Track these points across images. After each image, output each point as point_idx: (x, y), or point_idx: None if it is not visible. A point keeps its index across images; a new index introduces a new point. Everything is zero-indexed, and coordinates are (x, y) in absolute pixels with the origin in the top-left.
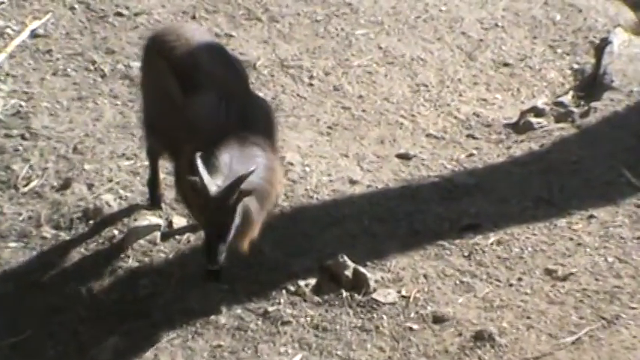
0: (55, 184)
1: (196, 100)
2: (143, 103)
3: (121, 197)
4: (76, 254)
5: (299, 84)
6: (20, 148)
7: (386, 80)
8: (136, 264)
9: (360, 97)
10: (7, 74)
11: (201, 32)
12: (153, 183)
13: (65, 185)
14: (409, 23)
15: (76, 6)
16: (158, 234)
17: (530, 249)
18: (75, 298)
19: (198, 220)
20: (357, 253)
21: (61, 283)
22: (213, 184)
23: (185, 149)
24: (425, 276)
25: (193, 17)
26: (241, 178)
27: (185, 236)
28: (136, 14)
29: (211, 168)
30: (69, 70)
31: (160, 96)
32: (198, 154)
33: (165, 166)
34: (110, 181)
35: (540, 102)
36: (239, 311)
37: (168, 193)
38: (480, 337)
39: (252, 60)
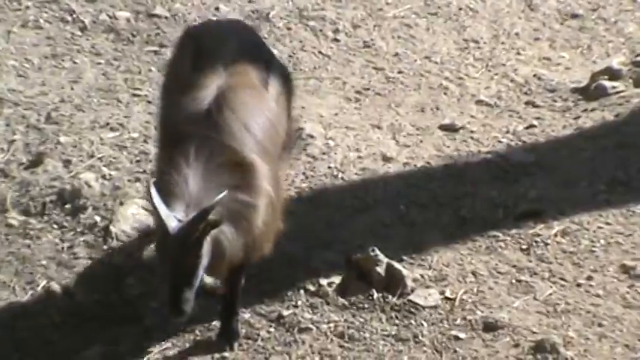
0: (25, 160)
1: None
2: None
3: (104, 176)
4: (48, 245)
5: (321, 39)
6: None
7: (427, 35)
8: (122, 258)
9: (396, 55)
10: None
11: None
12: None
13: (36, 162)
14: None
15: None
16: (149, 222)
17: (602, 241)
18: (47, 299)
19: (159, 259)
20: (392, 246)
21: (31, 281)
22: (173, 219)
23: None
24: (474, 274)
25: None
26: (206, 212)
27: None
28: None
29: (171, 191)
30: (41, 21)
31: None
32: (152, 181)
33: None
34: (91, 156)
35: (616, 62)
36: (247, 316)
37: None
38: (541, 348)
39: (265, 9)
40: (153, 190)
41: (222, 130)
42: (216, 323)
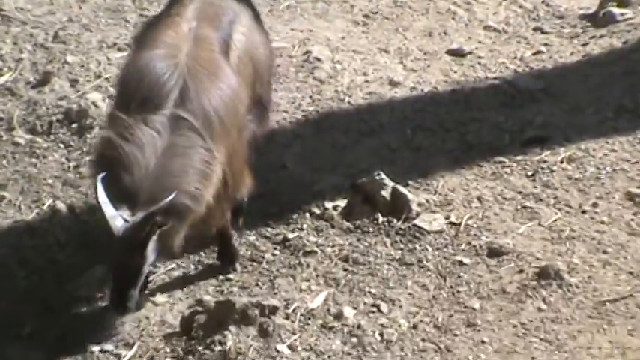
0: (32, 79)
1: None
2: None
3: (110, 96)
4: (55, 164)
5: None
6: None
7: None
8: None
9: None
10: None
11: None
12: None
13: (44, 81)
14: None
15: None
16: None
17: (608, 168)
18: (53, 218)
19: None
20: (398, 170)
21: (37, 200)
22: (119, 219)
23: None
24: (479, 199)
25: None
26: (153, 215)
27: None
28: None
29: (127, 168)
30: None
31: None
32: (100, 177)
33: None
34: (98, 76)
35: None
36: (252, 238)
37: None
38: (545, 274)
39: None
40: (100, 187)
41: (194, 112)
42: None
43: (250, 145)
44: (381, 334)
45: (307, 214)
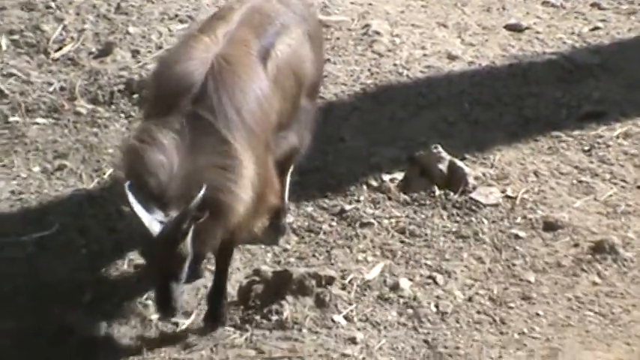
0: (94, 49)
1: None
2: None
3: None
4: (115, 134)
5: None
6: (52, 4)
7: None
8: None
9: None
10: None
11: None
12: None
13: (105, 51)
14: None
15: None
16: None
17: None
18: (113, 187)
19: (142, 258)
20: (455, 144)
21: (97, 169)
22: (155, 222)
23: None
24: (535, 173)
25: None
26: (188, 212)
27: None
28: None
29: (153, 173)
30: None
31: None
32: (127, 184)
33: None
34: (159, 47)
35: None
36: (310, 209)
37: None
38: (600, 248)
39: None
40: (130, 195)
41: (213, 109)
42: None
43: (284, 164)
44: (437, 306)
45: (364, 186)
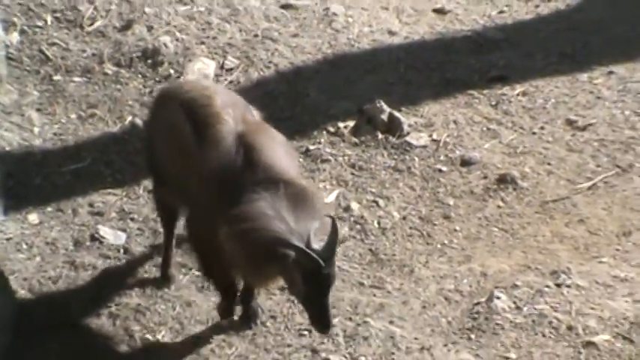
0: (118, 24)
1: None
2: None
3: (177, 39)
4: (134, 90)
5: None
6: None
7: None
8: None
9: None
10: None
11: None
12: (164, 256)
13: (127, 26)
14: None
15: None
16: (210, 73)
17: (552, 100)
18: (132, 130)
19: (293, 294)
20: (393, 99)
21: (120, 117)
22: (312, 253)
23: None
24: (455, 122)
25: None
26: (336, 229)
27: (234, 76)
28: None
29: (281, 234)
30: None
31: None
32: (296, 243)
33: None
34: (168, 24)
35: None
36: None
37: None
38: (503, 180)
39: None
40: (299, 245)
41: (268, 168)
42: None
43: None
44: (379, 223)
45: (324, 132)
